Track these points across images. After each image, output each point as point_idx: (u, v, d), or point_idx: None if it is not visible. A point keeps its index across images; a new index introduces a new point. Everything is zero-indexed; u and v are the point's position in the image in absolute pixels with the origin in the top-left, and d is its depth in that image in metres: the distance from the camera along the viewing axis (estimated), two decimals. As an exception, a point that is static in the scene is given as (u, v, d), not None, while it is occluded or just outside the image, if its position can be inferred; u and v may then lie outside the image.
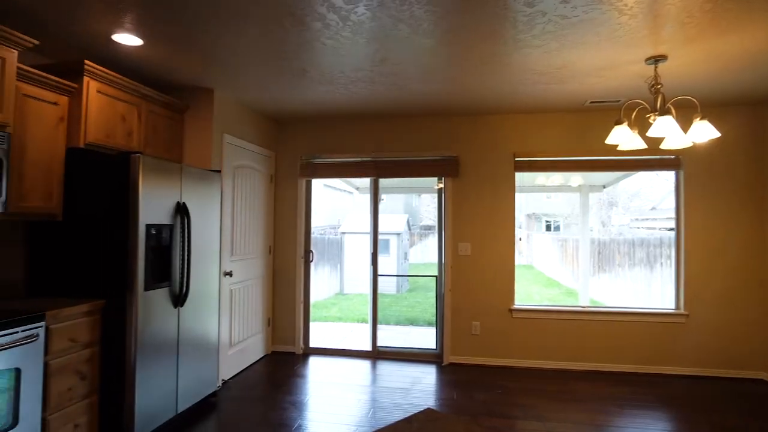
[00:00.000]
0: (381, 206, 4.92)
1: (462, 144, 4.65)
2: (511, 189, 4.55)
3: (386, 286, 10.61)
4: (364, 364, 4.52)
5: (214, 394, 3.56)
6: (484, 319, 4.54)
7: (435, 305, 4.85)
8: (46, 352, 2.36)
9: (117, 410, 2.70)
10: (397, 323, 7.75)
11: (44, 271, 2.88)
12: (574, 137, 4.46)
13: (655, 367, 4.26)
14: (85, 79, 2.85)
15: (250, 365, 4.45)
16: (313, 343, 5.00)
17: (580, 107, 4.29)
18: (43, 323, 2.32)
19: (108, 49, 2.95)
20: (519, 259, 4.60)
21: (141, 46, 2.90)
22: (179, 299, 3.11)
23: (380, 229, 4.90)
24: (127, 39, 2.78)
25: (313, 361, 4.61)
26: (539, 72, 3.32)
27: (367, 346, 4.83)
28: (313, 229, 5.07)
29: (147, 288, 2.80)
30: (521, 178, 4.70)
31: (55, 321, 2.41)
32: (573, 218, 17.71)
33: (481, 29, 2.60)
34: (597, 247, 9.60)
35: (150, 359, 2.82)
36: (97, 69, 2.89)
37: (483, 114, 4.60)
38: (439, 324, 4.70)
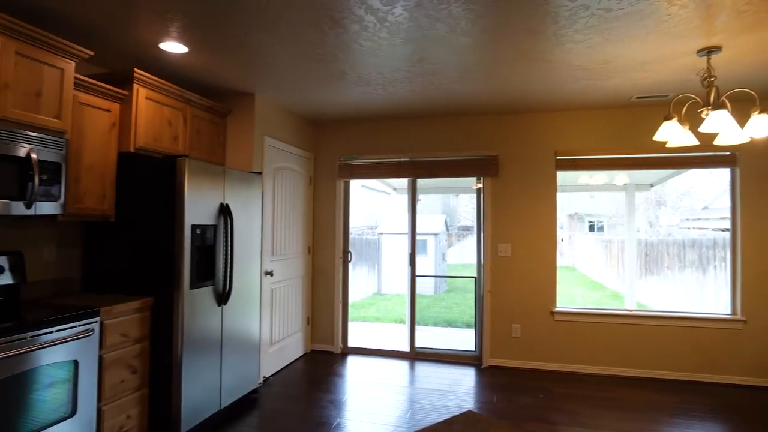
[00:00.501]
0: (418, 206, 4.91)
1: (501, 143, 4.57)
2: (552, 188, 4.44)
3: (424, 286, 10.57)
4: (402, 365, 4.52)
5: (255, 391, 3.65)
6: (524, 321, 4.45)
7: (474, 307, 4.79)
8: (101, 346, 2.48)
9: (165, 403, 2.81)
10: (435, 324, 7.70)
11: (97, 269, 3.03)
12: (619, 134, 4.30)
13: (708, 376, 4.05)
14: (135, 86, 2.98)
15: (290, 363, 4.53)
16: (352, 342, 5.04)
17: (625, 103, 4.13)
18: (98, 319, 2.45)
19: (155, 57, 3.07)
20: (561, 261, 4.47)
21: (186, 53, 3.01)
22: (223, 297, 3.20)
23: (418, 229, 4.89)
24: (173, 47, 2.89)
25: (352, 361, 4.65)
26: (582, 68, 3.22)
27: (405, 347, 4.83)
28: (351, 230, 5.12)
29: (192, 286, 2.90)
30: (563, 177, 4.57)
31: (108, 317, 2.53)
32: (618, 218, 17.07)
33: (520, 26, 2.55)
34: (644, 248, 9.21)
35: (196, 355, 2.92)
36: (145, 76, 3.02)
37: (523, 112, 4.50)
38: (478, 326, 4.64)
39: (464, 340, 5.97)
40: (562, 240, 16.05)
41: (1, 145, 2.17)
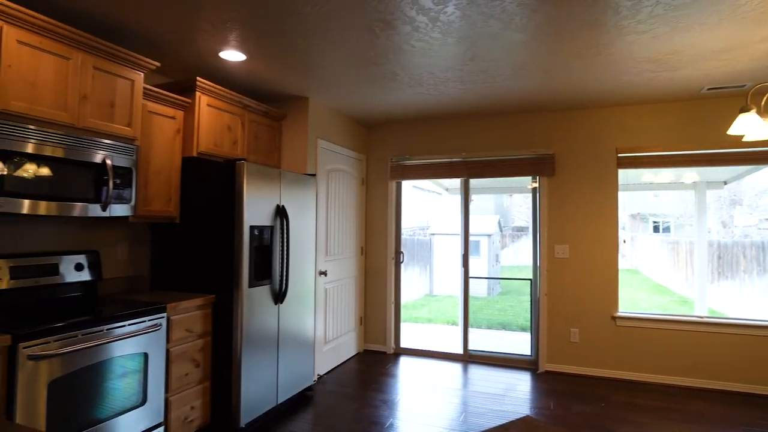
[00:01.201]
0: (471, 207, 4.84)
1: (558, 141, 4.42)
2: (613, 187, 4.23)
3: (477, 288, 10.40)
4: (455, 367, 4.47)
5: (310, 388, 3.74)
6: (584, 326, 4.27)
7: (529, 310, 4.66)
8: (168, 340, 2.63)
9: (226, 396, 2.93)
10: (489, 327, 7.55)
11: (164, 268, 3.22)
12: (688, 128, 4.03)
13: (792, 389, 3.71)
14: (197, 94, 3.14)
15: (343, 362, 4.60)
16: (404, 343, 5.04)
17: (694, 95, 3.87)
18: (165, 314, 2.60)
19: (215, 65, 3.22)
20: (622, 263, 4.25)
21: (244, 60, 3.13)
22: (279, 296, 3.30)
23: (471, 230, 4.81)
24: (232, 55, 3.02)
25: (404, 361, 4.65)
26: (646, 59, 3.05)
27: (458, 349, 4.77)
28: (402, 231, 5.12)
29: (251, 285, 3.01)
30: (625, 175, 4.35)
31: (174, 313, 2.68)
32: (686, 218, 16.01)
33: (578, 19, 2.45)
34: (716, 250, 8.58)
35: (254, 351, 3.03)
36: (207, 84, 3.17)
37: (581, 108, 4.33)
38: (534, 329, 4.50)
39: (519, 343, 5.81)
40: (624, 241, 15.26)
41: (80, 152, 2.36)
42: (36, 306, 2.45)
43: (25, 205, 2.12)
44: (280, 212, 3.32)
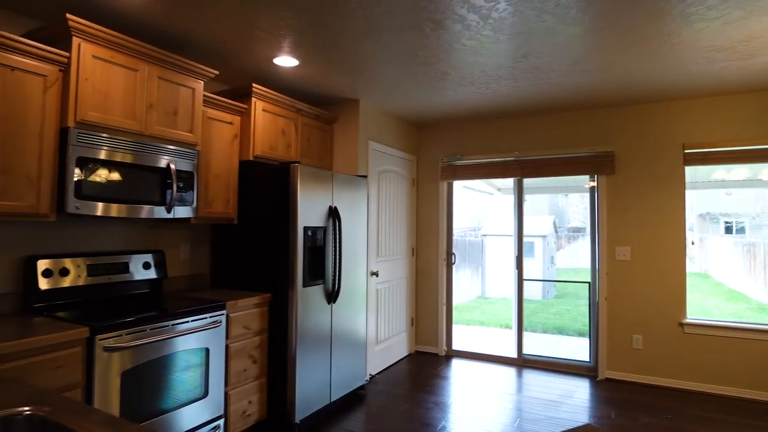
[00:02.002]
0: (524, 207, 4.71)
1: (618, 137, 4.21)
2: (679, 185, 3.98)
3: (531, 291, 10.11)
4: (509, 371, 4.36)
5: (362, 388, 3.77)
6: (647, 332, 4.04)
7: (587, 314, 4.47)
8: (227, 336, 2.75)
9: (281, 392, 3.02)
10: (544, 331, 7.32)
11: (223, 267, 3.36)
12: (765, 121, 3.72)
13: None
14: (253, 99, 3.26)
15: (395, 363, 4.61)
16: (456, 345, 4.98)
17: (773, 85, 3.56)
18: (224, 311, 2.71)
19: (269, 71, 3.33)
20: (690, 267, 3.99)
21: (297, 66, 3.21)
22: (332, 296, 3.36)
23: (525, 231, 4.69)
24: (286, 61, 3.10)
25: (456, 364, 4.60)
26: (718, 48, 2.85)
27: (512, 353, 4.66)
28: (453, 231, 5.07)
29: (305, 284, 3.08)
30: (693, 172, 4.07)
31: (233, 310, 2.79)
32: (764, 218, 14.79)
33: (638, 9, 2.33)
34: (800, 253, 7.86)
35: (308, 349, 3.10)
36: (262, 90, 3.28)
37: (643, 102, 4.10)
38: (593, 335, 4.32)
39: (577, 349, 5.59)
40: (692, 243, 14.31)
41: (147, 158, 2.51)
42: (108, 301, 2.63)
43: (99, 208, 2.29)
44: (333, 213, 3.38)
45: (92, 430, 0.99)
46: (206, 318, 2.58)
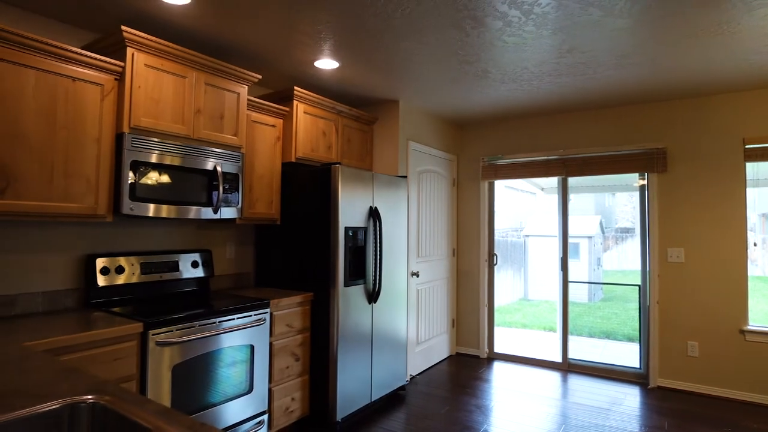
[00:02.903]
0: (569, 207, 4.57)
1: (670, 133, 4.02)
2: (739, 183, 3.74)
3: (576, 293, 9.79)
4: (553, 376, 4.25)
5: (402, 388, 3.77)
6: (704, 339, 3.82)
7: (637, 318, 4.28)
8: (271, 333, 2.81)
9: (323, 390, 3.06)
10: (590, 335, 7.07)
11: (266, 266, 3.44)
12: (838, 113, 3.45)
13: None
14: (295, 102, 3.32)
15: (435, 364, 4.58)
16: (498, 348, 4.90)
17: None
18: (268, 310, 2.78)
19: (310, 74, 3.38)
20: (752, 270, 3.75)
21: (337, 68, 3.25)
22: (373, 296, 3.38)
23: (570, 231, 4.55)
24: (326, 63, 3.15)
25: (498, 367, 4.52)
26: (780, 36, 2.67)
27: (556, 357, 4.53)
28: (495, 232, 4.98)
29: (346, 284, 3.12)
30: (754, 169, 3.83)
31: (276, 308, 2.86)
32: (836, 218, 13.68)
33: (694, -4, 2.21)
34: None
35: (349, 349, 3.13)
36: (303, 93, 3.34)
37: (698, 96, 3.89)
38: (644, 340, 4.13)
39: (625, 354, 5.37)
40: (755, 245, 13.44)
41: (194, 161, 2.61)
42: (159, 298, 2.75)
43: (151, 209, 2.40)
44: (373, 214, 3.40)
45: (148, 420, 1.04)
46: (251, 316, 2.66)
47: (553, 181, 4.70)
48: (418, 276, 4.26)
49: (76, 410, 1.16)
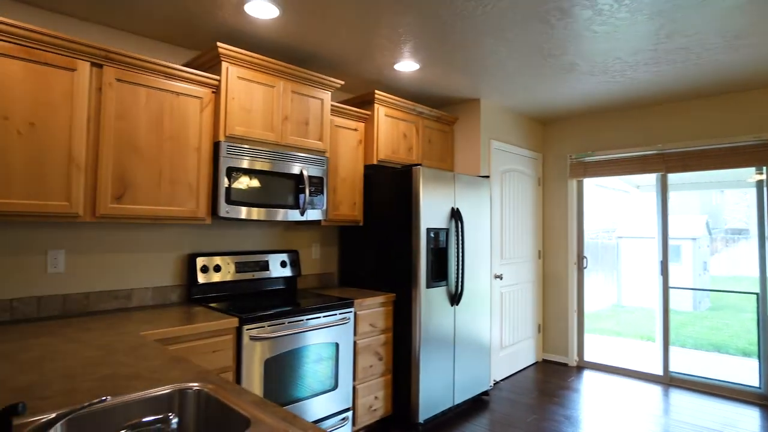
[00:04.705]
0: (669, 206, 4.19)
1: (793, 121, 3.54)
2: None
3: (679, 301, 8.93)
4: (652, 390, 3.91)
5: (486, 393, 3.68)
6: (839, 355, 3.32)
7: (755, 331, 3.82)
8: (354, 332, 2.88)
9: (406, 390, 3.08)
10: (696, 347, 6.42)
11: (349, 266, 3.53)
12: None
13: None
14: (375, 106, 3.38)
15: (520, 370, 4.42)
16: (588, 356, 4.61)
17: None
18: (352, 309, 2.85)
19: (391, 77, 3.42)
20: None
21: (418, 70, 3.26)
22: (455, 298, 3.33)
23: (670, 233, 4.18)
24: (406, 65, 3.17)
25: (588, 376, 4.25)
26: None
27: (656, 369, 4.17)
28: (584, 233, 4.70)
29: (428, 286, 3.11)
30: None
31: (360, 308, 2.92)
32: None
33: (825, -38, 1.93)
34: None
35: (431, 350, 3.12)
36: (384, 96, 3.39)
37: (829, 77, 3.40)
38: (764, 356, 3.67)
39: (740, 370, 4.80)
40: None
41: (282, 165, 2.74)
42: (251, 295, 2.92)
43: (243, 212, 2.56)
44: (455, 215, 3.36)
45: (246, 409, 1.11)
46: (336, 314, 2.74)
47: (650, 179, 4.34)
48: (501, 278, 4.14)
49: (184, 395, 1.26)
